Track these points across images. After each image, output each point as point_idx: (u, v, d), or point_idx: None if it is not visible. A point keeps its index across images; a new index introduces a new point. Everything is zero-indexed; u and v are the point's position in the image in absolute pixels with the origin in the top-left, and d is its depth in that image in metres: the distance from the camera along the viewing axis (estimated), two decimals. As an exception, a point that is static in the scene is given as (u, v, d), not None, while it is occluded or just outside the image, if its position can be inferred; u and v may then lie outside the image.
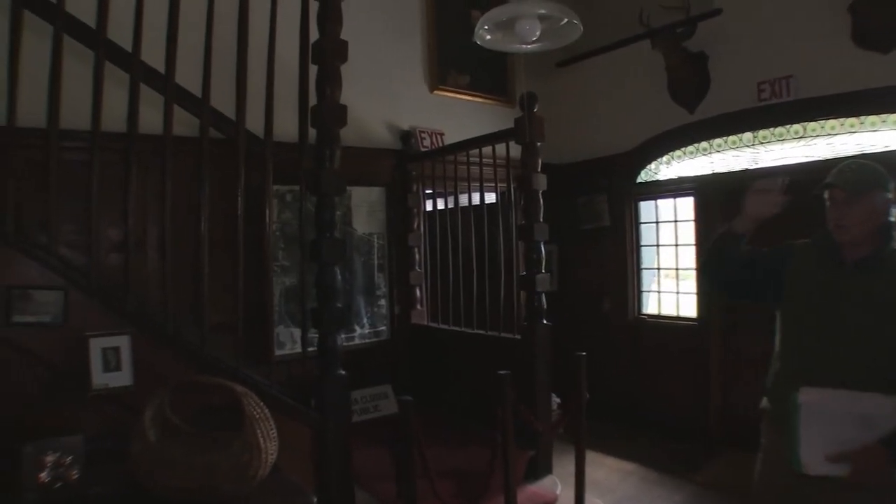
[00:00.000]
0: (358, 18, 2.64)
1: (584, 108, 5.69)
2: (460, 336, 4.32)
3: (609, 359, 5.15)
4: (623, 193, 5.39)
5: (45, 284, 2.30)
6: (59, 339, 2.30)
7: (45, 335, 2.28)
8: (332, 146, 2.43)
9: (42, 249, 2.35)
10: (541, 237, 3.60)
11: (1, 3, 2.47)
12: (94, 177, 2.38)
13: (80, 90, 2.47)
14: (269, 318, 2.60)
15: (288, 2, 2.64)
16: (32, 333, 2.26)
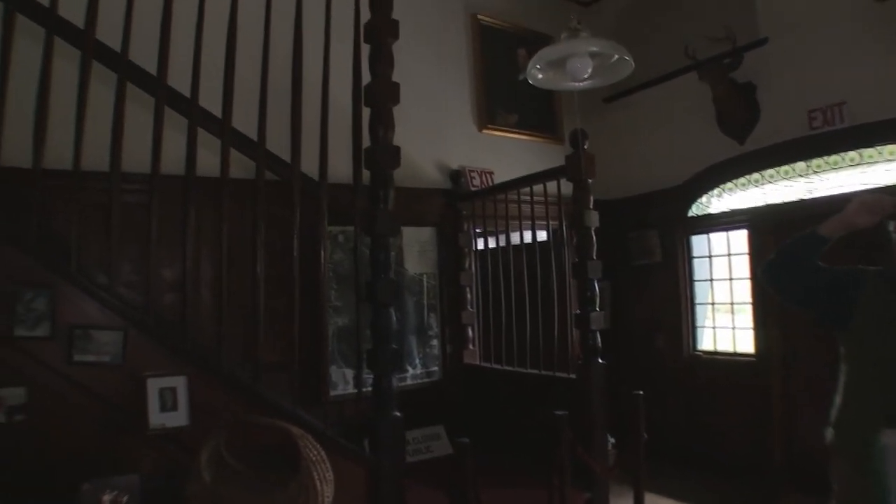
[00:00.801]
0: (407, 60, 2.67)
1: (633, 143, 5.66)
2: (514, 376, 4.25)
3: (664, 396, 5.03)
4: (674, 228, 5.31)
5: (106, 324, 2.34)
6: (118, 378, 2.34)
7: (105, 374, 2.32)
8: (386, 187, 2.45)
9: (103, 289, 2.40)
10: (594, 275, 3.55)
11: (70, 52, 2.57)
12: (154, 218, 2.44)
13: (140, 135, 2.55)
14: (324, 358, 2.60)
15: (340, 45, 2.69)
16: (92, 372, 2.30)
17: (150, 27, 2.52)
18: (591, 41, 2.94)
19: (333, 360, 3.98)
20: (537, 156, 5.26)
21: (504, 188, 4.44)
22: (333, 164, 2.65)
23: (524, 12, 5.75)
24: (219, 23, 2.58)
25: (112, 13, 2.50)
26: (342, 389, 3.94)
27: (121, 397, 2.34)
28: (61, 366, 2.26)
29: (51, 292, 2.28)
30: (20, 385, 2.19)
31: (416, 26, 3.27)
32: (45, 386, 2.24)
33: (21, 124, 2.38)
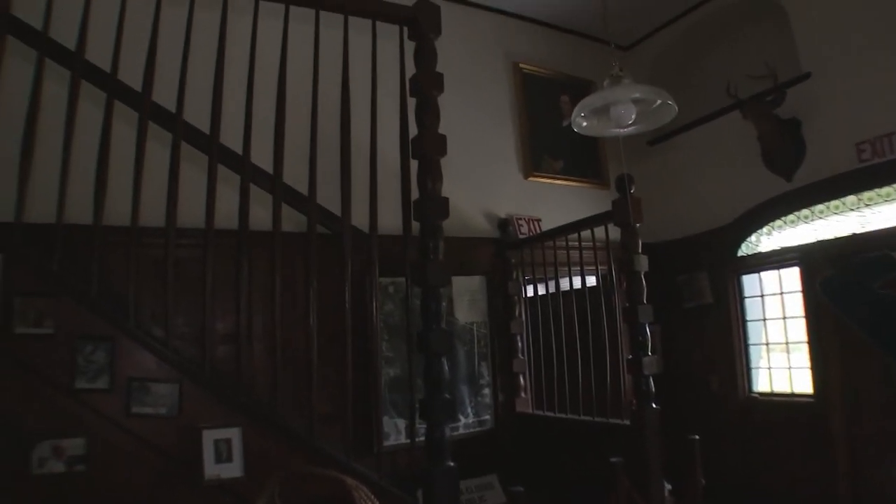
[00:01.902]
0: (452, 111, 2.71)
1: (679, 185, 5.64)
2: (567, 423, 4.18)
3: (720, 440, 4.87)
4: (724, 268, 5.22)
5: (162, 377, 2.40)
6: (174, 429, 2.38)
7: (161, 426, 2.36)
8: (436, 238, 2.46)
9: (159, 342, 2.46)
10: (645, 319, 3.50)
11: (128, 114, 2.68)
12: (209, 272, 2.49)
13: (194, 191, 2.63)
14: (378, 409, 2.59)
15: (387, 99, 2.75)
16: (150, 424, 2.35)
17: (204, 88, 2.61)
18: (633, 87, 2.95)
19: (385, 411, 3.98)
20: (583, 201, 5.28)
21: (552, 235, 4.44)
22: (383, 216, 2.68)
23: (565, 59, 5.84)
24: (268, 80, 2.67)
25: (167, 74, 2.60)
26: (394, 440, 3.93)
27: (177, 448, 2.37)
28: (120, 417, 2.31)
29: (110, 345, 2.35)
30: (80, 436, 2.24)
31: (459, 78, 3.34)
32: (105, 437, 2.29)
33: (82, 183, 2.48)
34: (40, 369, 2.25)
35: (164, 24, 2.57)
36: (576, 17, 5.73)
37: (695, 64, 5.88)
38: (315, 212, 2.66)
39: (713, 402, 5.22)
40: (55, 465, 2.20)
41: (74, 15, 2.50)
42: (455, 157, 2.63)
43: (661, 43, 5.99)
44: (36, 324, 2.27)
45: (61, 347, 2.28)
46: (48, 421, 2.23)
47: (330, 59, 2.70)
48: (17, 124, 2.41)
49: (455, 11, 5.01)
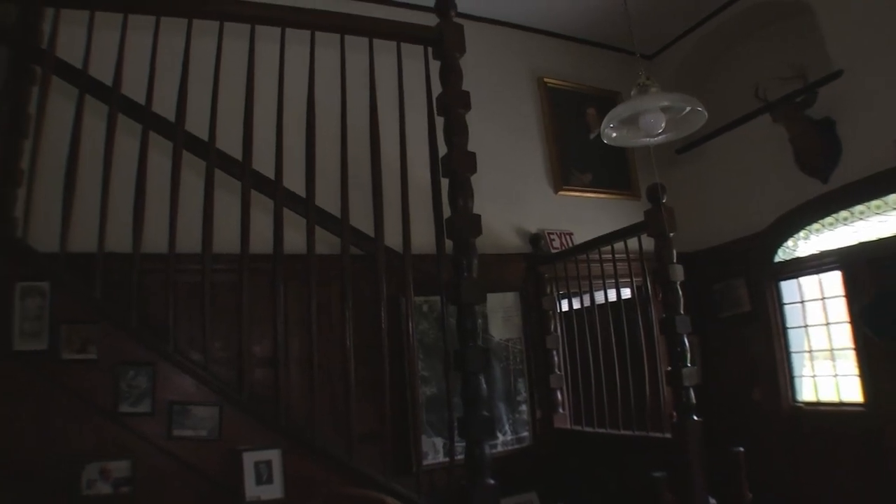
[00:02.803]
0: (479, 128, 2.73)
1: (710, 192, 5.57)
2: (606, 438, 4.13)
3: (765, 452, 4.76)
4: (761, 275, 5.12)
5: (202, 400, 2.44)
6: (215, 452, 2.42)
7: (202, 448, 2.40)
8: (469, 256, 2.46)
9: (198, 366, 2.50)
10: (683, 329, 3.45)
11: (163, 145, 2.75)
12: (245, 297, 2.53)
13: (229, 217, 2.68)
14: (416, 428, 2.59)
15: (414, 118, 2.78)
16: (191, 446, 2.40)
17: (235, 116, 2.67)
18: (661, 96, 2.94)
19: (423, 430, 3.98)
20: (614, 213, 5.27)
21: (585, 248, 4.41)
22: (415, 235, 2.69)
23: (589, 71, 5.85)
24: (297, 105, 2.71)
25: (199, 103, 2.67)
26: (432, 459, 3.93)
27: (218, 470, 2.41)
28: (162, 440, 2.37)
29: (151, 370, 2.40)
30: (125, 458, 2.30)
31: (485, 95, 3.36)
32: (148, 459, 2.34)
33: (121, 213, 2.56)
34: (86, 394, 2.32)
35: (195, 55, 2.64)
36: (598, 28, 5.75)
37: (720, 69, 5.83)
38: (348, 233, 2.68)
39: (756, 413, 5.10)
40: (103, 486, 2.26)
41: (111, 51, 2.58)
42: (484, 174, 2.63)
43: (684, 50, 5.95)
44: (81, 350, 2.34)
45: (105, 373, 2.34)
46: (95, 444, 2.29)
47: (357, 82, 2.74)
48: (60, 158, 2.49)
49: (478, 29, 5.05)
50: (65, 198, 2.46)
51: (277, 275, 2.57)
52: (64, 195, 2.46)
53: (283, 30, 2.69)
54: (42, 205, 2.56)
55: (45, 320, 2.32)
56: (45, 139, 2.53)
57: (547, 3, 5.34)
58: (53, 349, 2.30)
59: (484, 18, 5.36)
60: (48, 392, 2.29)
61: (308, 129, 2.67)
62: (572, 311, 4.69)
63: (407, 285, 2.61)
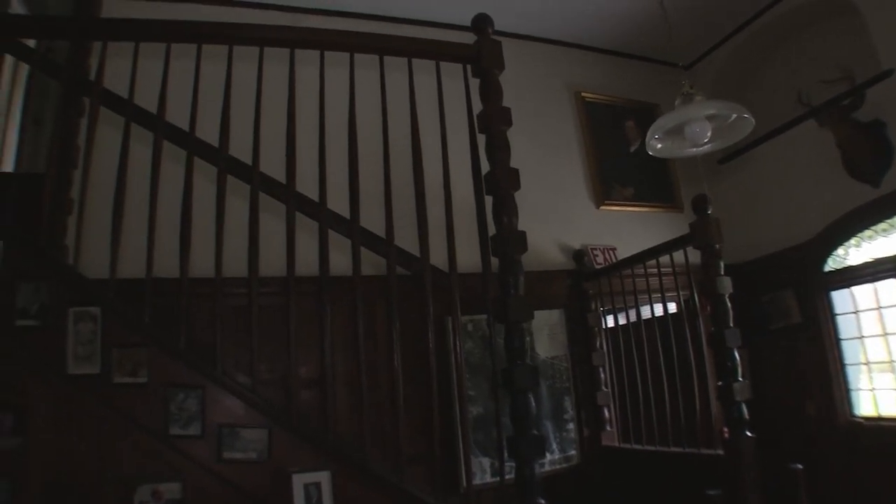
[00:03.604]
0: (519, 144, 2.70)
1: (755, 202, 5.45)
2: (656, 455, 4.04)
3: (822, 469, 4.58)
4: (811, 285, 4.97)
5: (251, 422, 2.44)
6: (265, 474, 2.41)
7: (252, 471, 2.40)
8: (516, 273, 2.44)
9: (246, 389, 2.51)
10: (733, 343, 3.36)
11: (208, 170, 2.79)
12: (292, 319, 2.54)
13: (274, 240, 2.70)
14: (466, 448, 2.56)
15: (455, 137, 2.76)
16: (241, 469, 2.39)
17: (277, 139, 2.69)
18: (707, 104, 2.90)
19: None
20: (657, 226, 5.20)
21: (630, 263, 4.35)
22: (459, 254, 2.67)
23: (626, 84, 5.81)
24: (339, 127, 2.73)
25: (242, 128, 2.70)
26: (479, 479, 3.87)
27: (267, 492, 2.39)
28: (212, 462, 2.37)
29: (200, 393, 2.41)
30: (176, 480, 2.31)
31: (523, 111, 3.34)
32: (198, 481, 2.34)
33: (168, 238, 2.58)
34: (137, 417, 2.34)
35: (237, 81, 2.67)
36: (633, 41, 5.71)
37: (760, 75, 5.71)
38: (394, 254, 2.67)
39: (810, 429, 4.93)
40: (154, 507, 2.27)
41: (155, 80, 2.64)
42: (526, 191, 2.60)
43: (722, 58, 5.85)
44: (132, 374, 2.37)
45: (155, 396, 2.37)
46: (147, 465, 2.32)
47: (396, 102, 2.74)
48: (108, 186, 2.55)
49: (513, 46, 5.05)
50: (113, 225, 2.51)
51: (323, 297, 2.57)
52: (112, 222, 2.51)
53: (323, 53, 2.72)
54: (91, 232, 2.61)
55: (97, 344, 2.36)
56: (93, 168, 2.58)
57: (581, 17, 5.33)
58: (105, 373, 2.33)
59: (519, 35, 5.37)
60: (101, 415, 2.32)
61: (350, 151, 2.67)
62: (618, 326, 4.62)
63: (454, 304, 2.59)
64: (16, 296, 2.34)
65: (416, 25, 4.92)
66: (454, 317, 2.57)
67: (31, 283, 2.37)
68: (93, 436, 2.30)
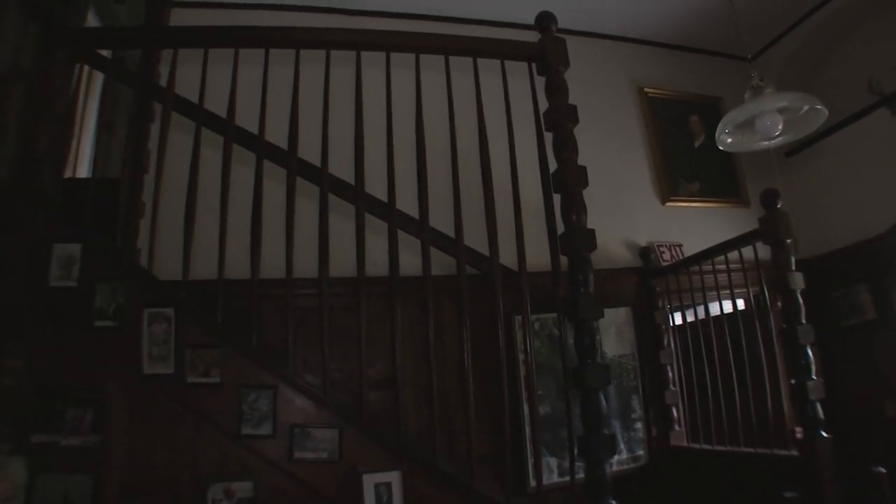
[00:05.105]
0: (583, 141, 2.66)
1: (824, 194, 5.28)
2: (726, 456, 3.93)
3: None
4: (886, 279, 4.76)
5: (322, 422, 2.47)
6: (335, 474, 2.43)
7: (323, 470, 2.43)
8: (585, 271, 2.42)
9: (317, 389, 2.54)
10: (806, 340, 3.26)
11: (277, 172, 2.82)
12: (363, 320, 2.56)
13: (344, 241, 2.72)
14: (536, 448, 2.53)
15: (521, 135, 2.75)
16: (312, 468, 2.42)
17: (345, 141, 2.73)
18: (778, 96, 2.82)
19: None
20: (723, 222, 5.09)
21: (697, 260, 4.27)
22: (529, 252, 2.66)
23: (689, 78, 5.71)
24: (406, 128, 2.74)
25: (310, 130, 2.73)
26: (546, 479, 3.84)
27: (338, 492, 2.42)
28: (283, 462, 2.41)
29: (272, 393, 2.45)
30: (248, 479, 2.36)
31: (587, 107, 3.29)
32: (270, 480, 2.39)
33: (239, 240, 2.63)
34: (210, 416, 2.40)
35: (304, 84, 2.71)
36: (695, 34, 5.61)
37: (827, 64, 5.51)
38: (463, 253, 2.67)
39: (889, 430, 4.73)
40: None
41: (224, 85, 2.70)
42: (591, 188, 2.57)
43: (787, 48, 5.65)
44: (204, 374, 2.42)
45: (228, 396, 2.42)
46: (219, 464, 2.37)
47: (462, 102, 2.74)
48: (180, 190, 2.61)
49: (577, 42, 4.98)
50: (186, 227, 2.57)
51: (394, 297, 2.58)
52: (185, 225, 2.57)
53: (388, 54, 2.73)
54: (164, 235, 2.68)
55: (171, 345, 2.42)
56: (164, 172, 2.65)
57: (643, 12, 5.26)
58: (179, 373, 2.40)
59: (581, 32, 5.35)
60: (175, 414, 2.38)
61: (418, 152, 2.68)
62: (686, 324, 4.54)
63: (524, 303, 2.57)
64: (94, 297, 2.42)
65: (480, 25, 4.92)
66: (524, 315, 2.55)
67: (107, 285, 2.45)
68: (167, 434, 2.36)
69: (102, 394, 2.33)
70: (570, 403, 2.52)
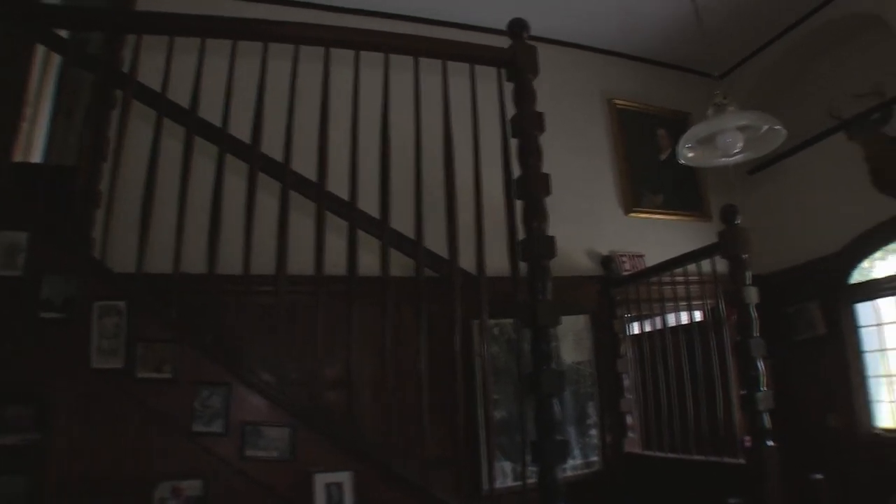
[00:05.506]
0: (550, 149, 2.68)
1: (783, 213, 5.43)
2: (677, 463, 4.02)
3: (843, 480, 4.54)
4: (836, 298, 4.92)
5: (275, 421, 2.43)
6: (287, 473, 2.40)
7: (275, 469, 2.39)
8: (544, 278, 2.43)
9: (272, 387, 2.51)
10: (758, 353, 3.34)
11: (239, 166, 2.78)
12: (319, 319, 2.53)
13: (303, 239, 2.69)
14: (490, 452, 2.54)
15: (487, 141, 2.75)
16: (263, 467, 2.39)
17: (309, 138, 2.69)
18: (739, 115, 2.87)
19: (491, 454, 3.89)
20: (685, 235, 5.18)
21: (658, 271, 4.34)
22: (488, 257, 2.66)
23: (659, 92, 5.79)
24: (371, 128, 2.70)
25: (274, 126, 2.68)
26: (501, 483, 3.86)
27: (290, 492, 2.39)
28: (234, 460, 2.36)
29: (225, 390, 2.41)
30: (198, 477, 2.32)
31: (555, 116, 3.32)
32: (220, 478, 2.34)
33: (197, 234, 2.58)
34: (161, 413, 2.35)
35: (270, 78, 2.66)
36: (667, 49, 5.68)
37: (793, 87, 5.65)
38: (423, 255, 2.66)
39: (832, 440, 4.89)
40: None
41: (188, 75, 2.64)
42: (555, 196, 2.58)
43: (755, 69, 5.80)
44: (156, 369, 2.36)
45: (180, 392, 2.36)
46: (168, 462, 2.31)
47: (430, 104, 2.73)
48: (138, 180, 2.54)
49: (549, 51, 5.00)
50: (142, 219, 2.50)
51: (352, 297, 2.56)
52: (142, 216, 2.51)
53: (358, 53, 2.71)
54: (120, 226, 2.61)
55: (122, 339, 2.36)
56: (123, 161, 2.59)
57: (616, 24, 5.31)
58: (130, 368, 2.33)
59: (553, 40, 5.37)
60: (124, 410, 2.32)
61: (382, 152, 2.67)
62: (644, 334, 4.61)
63: (482, 308, 2.58)
64: (41, 287, 2.33)
65: (451, 28, 4.92)
66: (482, 320, 2.55)
67: (57, 276, 2.37)
68: (114, 431, 2.30)
69: (46, 388, 2.26)
70: (525, 408, 2.53)
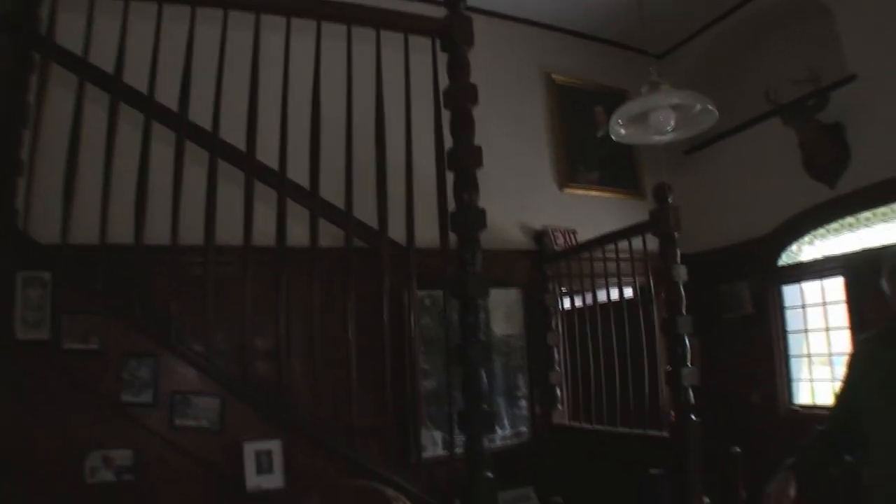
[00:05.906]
0: (486, 123, 2.70)
1: (717, 194, 5.54)
2: (604, 435, 4.13)
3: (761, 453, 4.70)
4: (765, 279, 5.09)
5: (204, 391, 2.43)
6: (217, 442, 2.41)
7: (205, 438, 2.40)
8: (473, 250, 2.45)
9: (201, 357, 2.51)
10: (684, 330, 3.44)
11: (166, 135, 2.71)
12: (248, 289, 2.51)
13: (232, 209, 2.66)
14: (417, 422, 2.58)
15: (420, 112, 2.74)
16: (193, 436, 2.40)
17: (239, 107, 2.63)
18: (672, 93, 2.92)
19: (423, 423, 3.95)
20: (619, 212, 5.22)
21: (589, 247, 4.39)
22: (419, 229, 2.68)
23: (598, 69, 5.81)
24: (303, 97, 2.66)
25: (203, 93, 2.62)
26: (431, 452, 3.93)
27: (221, 460, 2.41)
28: (164, 430, 2.37)
29: (154, 361, 2.39)
30: (128, 447, 2.32)
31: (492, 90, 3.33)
32: (151, 448, 2.35)
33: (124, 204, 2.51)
34: (88, 384, 2.33)
35: (199, 45, 2.60)
36: (609, 26, 5.69)
37: (732, 70, 5.76)
38: (352, 226, 2.66)
39: (754, 416, 5.08)
40: (105, 474, 2.28)
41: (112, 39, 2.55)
42: (490, 170, 2.61)
43: (695, 50, 5.89)
44: (83, 340, 2.34)
45: (108, 363, 2.34)
46: (98, 432, 2.30)
47: (362, 74, 2.71)
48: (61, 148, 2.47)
49: (485, 23, 4.98)
50: (65, 188, 2.45)
51: (281, 267, 2.54)
52: (65, 186, 2.45)
53: (289, 19, 2.66)
54: (44, 196, 2.56)
55: (47, 310, 2.32)
56: (45, 129, 2.51)
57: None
58: (55, 339, 2.30)
59: (492, 12, 5.27)
60: (50, 382, 2.29)
61: (313, 121, 2.65)
62: (574, 308, 4.68)
63: (410, 279, 2.60)
64: (-41, 259, 2.27)
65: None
66: (410, 291, 2.57)
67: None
68: (41, 403, 2.27)
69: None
70: (452, 379, 2.56)
